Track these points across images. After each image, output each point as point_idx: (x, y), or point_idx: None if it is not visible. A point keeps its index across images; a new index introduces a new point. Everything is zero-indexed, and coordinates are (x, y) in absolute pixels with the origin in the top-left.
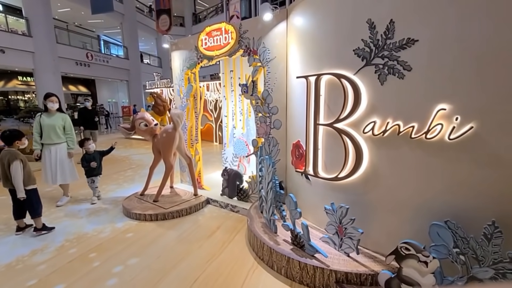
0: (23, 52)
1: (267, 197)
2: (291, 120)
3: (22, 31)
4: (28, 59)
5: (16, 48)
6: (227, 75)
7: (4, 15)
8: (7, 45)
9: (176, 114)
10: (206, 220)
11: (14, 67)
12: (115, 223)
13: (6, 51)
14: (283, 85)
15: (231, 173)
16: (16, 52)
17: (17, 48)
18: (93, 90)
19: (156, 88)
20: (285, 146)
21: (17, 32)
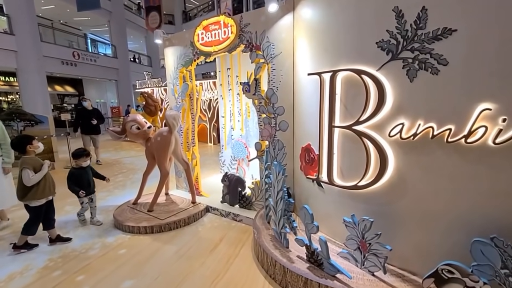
0: (5, 51)
1: (276, 207)
2: (300, 122)
3: (4, 29)
4: (11, 58)
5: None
6: (223, 73)
7: None
8: None
9: (171, 115)
10: (206, 231)
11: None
12: (106, 237)
13: None
14: (290, 83)
15: (232, 178)
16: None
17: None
18: (81, 90)
19: (146, 87)
20: (292, 150)
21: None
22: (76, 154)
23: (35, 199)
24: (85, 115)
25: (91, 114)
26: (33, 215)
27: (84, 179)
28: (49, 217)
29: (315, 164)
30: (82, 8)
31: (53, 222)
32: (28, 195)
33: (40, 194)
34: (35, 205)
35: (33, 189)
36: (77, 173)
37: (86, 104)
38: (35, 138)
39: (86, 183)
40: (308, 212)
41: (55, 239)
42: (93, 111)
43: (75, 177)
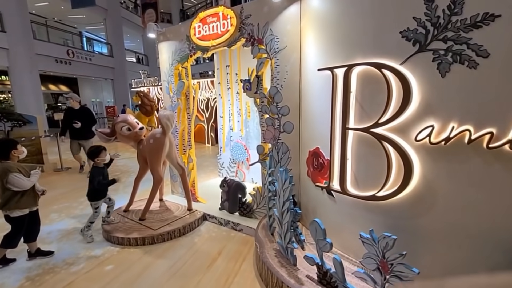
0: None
1: (281, 219)
2: (307, 123)
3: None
4: (2, 56)
5: None
6: (222, 70)
7: None
8: None
9: (165, 116)
10: (203, 242)
11: None
12: (92, 250)
13: None
14: (296, 80)
15: (232, 184)
16: None
17: None
18: (76, 89)
19: (142, 86)
20: (298, 154)
21: None
22: (92, 153)
23: (18, 208)
24: (70, 117)
25: (76, 115)
26: (15, 226)
27: (103, 175)
28: (33, 228)
29: (325, 170)
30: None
31: (36, 234)
32: (9, 203)
33: (24, 204)
34: (17, 215)
35: (16, 197)
36: (100, 171)
37: (70, 102)
38: (19, 143)
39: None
40: (319, 227)
41: (35, 253)
42: (80, 111)
43: (100, 174)
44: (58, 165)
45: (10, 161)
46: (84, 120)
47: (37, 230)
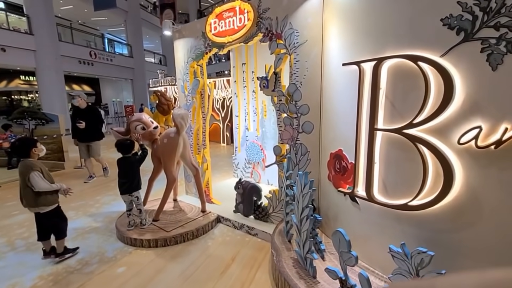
0: (25, 50)
1: (300, 227)
2: (329, 123)
3: (24, 29)
4: (30, 57)
5: (17, 46)
6: (238, 69)
7: (5, 13)
8: (8, 44)
9: (179, 115)
10: (217, 246)
11: (16, 66)
12: (106, 250)
13: (7, 50)
14: (317, 76)
15: (247, 186)
16: (17, 51)
17: (18, 47)
18: (97, 89)
19: (160, 86)
20: (318, 156)
21: (20, 31)
22: (127, 146)
23: (45, 205)
24: (76, 117)
25: (83, 115)
26: (52, 218)
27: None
28: (52, 226)
29: (348, 174)
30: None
31: (55, 232)
32: (39, 199)
33: (51, 199)
34: (47, 210)
35: (41, 196)
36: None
37: (76, 101)
38: (38, 141)
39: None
40: (344, 238)
41: (49, 252)
42: (87, 110)
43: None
44: (78, 162)
45: (31, 158)
46: (91, 120)
47: (56, 229)
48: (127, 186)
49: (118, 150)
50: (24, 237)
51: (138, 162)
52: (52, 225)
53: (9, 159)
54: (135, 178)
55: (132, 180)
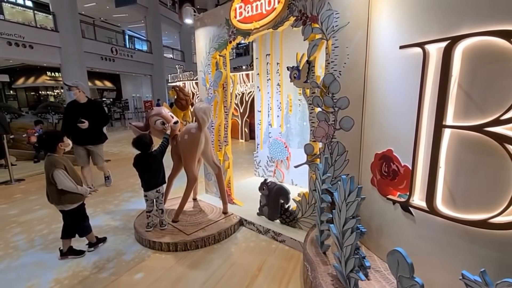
0: (51, 47)
1: (341, 240)
2: (374, 118)
3: (50, 27)
4: (55, 54)
5: (44, 43)
6: (262, 60)
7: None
8: (35, 41)
9: (201, 109)
10: (241, 253)
11: (43, 63)
12: (123, 253)
13: (35, 47)
14: (360, 64)
15: (273, 187)
16: (44, 48)
17: (45, 44)
18: (118, 85)
19: (178, 81)
20: (358, 156)
21: (47, 28)
22: (146, 144)
23: (69, 203)
24: (74, 113)
25: (83, 112)
26: (76, 215)
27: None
28: (75, 224)
29: (400, 179)
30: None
31: (77, 232)
32: (64, 197)
33: (76, 197)
34: (70, 208)
35: (66, 194)
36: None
37: (72, 94)
38: (65, 135)
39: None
40: (405, 260)
41: (66, 252)
42: (88, 105)
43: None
44: None
45: (56, 154)
46: (93, 118)
47: (79, 227)
48: (153, 181)
49: (137, 148)
50: (43, 235)
51: (160, 155)
52: (75, 223)
53: (37, 153)
54: (160, 172)
55: (158, 174)
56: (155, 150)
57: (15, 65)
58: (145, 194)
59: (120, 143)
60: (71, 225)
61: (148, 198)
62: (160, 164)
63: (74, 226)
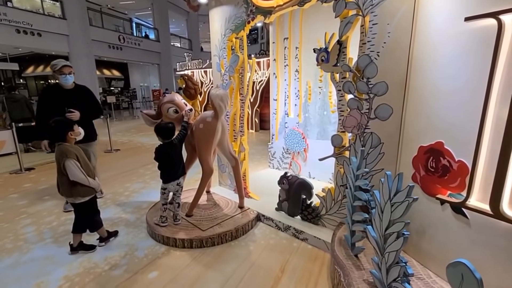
0: (58, 35)
1: (384, 245)
2: (419, 105)
3: (58, 14)
4: (63, 42)
5: (52, 31)
6: (279, 45)
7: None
8: (43, 28)
9: (217, 95)
10: (260, 252)
11: (51, 51)
12: (136, 248)
13: (43, 35)
14: (404, 43)
15: (294, 182)
16: (52, 35)
17: (52, 31)
18: (126, 74)
19: (187, 69)
20: (396, 149)
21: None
22: (170, 130)
23: (82, 195)
24: (54, 101)
25: (68, 100)
26: (84, 210)
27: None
28: (86, 218)
29: (452, 176)
30: None
31: (88, 226)
32: (75, 189)
33: (88, 189)
34: (80, 202)
35: (76, 186)
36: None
37: (65, 79)
38: (75, 123)
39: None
40: (472, 275)
41: (77, 247)
42: (75, 91)
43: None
44: (108, 146)
45: (67, 143)
46: (85, 108)
47: (90, 222)
48: (174, 172)
49: (161, 136)
50: (53, 227)
51: (180, 144)
52: (86, 217)
53: None
54: (181, 162)
55: (179, 164)
56: (174, 139)
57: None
58: (164, 187)
59: (130, 132)
60: (82, 219)
61: (167, 191)
62: (180, 153)
63: (85, 220)
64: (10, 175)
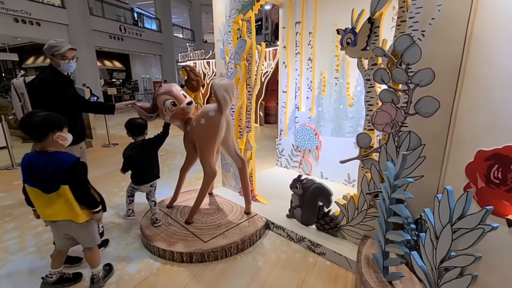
0: (58, 24)
1: (438, 282)
2: (480, 99)
3: (57, 3)
4: (63, 32)
5: (51, 20)
6: (290, 30)
7: None
8: (42, 18)
9: (221, 86)
10: (271, 269)
11: None
12: (128, 262)
13: (42, 24)
14: (461, 19)
15: (309, 186)
16: (51, 25)
17: (52, 21)
18: (128, 65)
19: (189, 60)
20: (441, 153)
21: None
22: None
23: None
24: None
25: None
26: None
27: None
28: None
29: None
30: None
31: None
32: None
33: None
34: None
35: None
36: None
37: (69, 65)
38: (64, 125)
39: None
40: None
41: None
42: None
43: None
44: (106, 140)
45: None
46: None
47: None
48: (149, 173)
49: (129, 131)
50: (37, 233)
51: (154, 145)
52: None
53: None
54: (156, 164)
55: (154, 166)
56: (150, 138)
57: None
58: (135, 188)
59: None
60: None
61: (135, 191)
62: (155, 157)
63: None
64: (0, 171)
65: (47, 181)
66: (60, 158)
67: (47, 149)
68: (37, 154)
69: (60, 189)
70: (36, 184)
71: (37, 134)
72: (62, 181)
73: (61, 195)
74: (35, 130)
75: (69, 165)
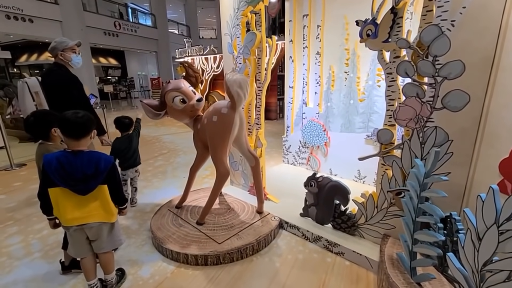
0: (51, 21)
1: (480, 286)
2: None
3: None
4: (56, 28)
5: (44, 17)
6: (297, 23)
7: None
8: (35, 14)
9: (235, 81)
10: (289, 270)
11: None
12: (140, 266)
13: (35, 21)
14: (495, 7)
15: (326, 184)
16: (44, 22)
17: (45, 17)
18: (123, 62)
19: (186, 56)
20: (471, 149)
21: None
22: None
23: None
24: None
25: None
26: None
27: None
28: None
29: None
30: None
31: None
32: None
33: None
34: None
35: None
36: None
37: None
38: None
39: None
40: None
41: (69, 265)
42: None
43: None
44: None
45: (51, 142)
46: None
47: None
48: (132, 159)
49: (119, 129)
50: (43, 237)
51: (137, 137)
52: None
53: None
54: (138, 152)
55: (137, 153)
56: (133, 132)
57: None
58: (124, 173)
59: None
60: None
61: (126, 177)
62: (137, 145)
63: None
64: None
65: (88, 182)
66: (100, 157)
67: (81, 149)
68: (70, 154)
69: (97, 189)
70: (72, 185)
71: (80, 132)
72: (101, 180)
73: (97, 196)
74: (79, 128)
75: (112, 164)
